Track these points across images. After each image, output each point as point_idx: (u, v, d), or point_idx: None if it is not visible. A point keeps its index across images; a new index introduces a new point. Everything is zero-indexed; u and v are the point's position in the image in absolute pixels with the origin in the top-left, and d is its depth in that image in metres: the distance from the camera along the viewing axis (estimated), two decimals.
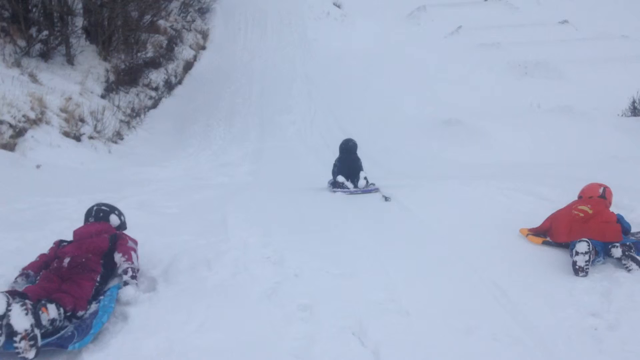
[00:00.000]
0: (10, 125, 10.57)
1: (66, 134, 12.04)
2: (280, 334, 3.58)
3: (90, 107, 13.60)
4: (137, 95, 17.41)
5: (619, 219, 5.10)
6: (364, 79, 21.97)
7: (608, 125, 13.88)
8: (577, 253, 4.43)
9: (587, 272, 4.38)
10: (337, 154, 8.95)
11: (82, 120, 12.93)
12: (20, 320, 3.08)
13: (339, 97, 20.24)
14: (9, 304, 3.12)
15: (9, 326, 3.07)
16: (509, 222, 5.90)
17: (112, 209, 4.75)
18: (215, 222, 6.04)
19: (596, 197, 5.27)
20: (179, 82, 21.17)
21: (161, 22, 22.50)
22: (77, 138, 12.32)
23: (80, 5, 17.18)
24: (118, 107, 15.43)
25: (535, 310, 3.84)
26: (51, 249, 4.30)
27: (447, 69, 22.57)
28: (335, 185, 8.29)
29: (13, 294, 3.37)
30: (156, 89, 18.94)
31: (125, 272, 4.12)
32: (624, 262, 4.45)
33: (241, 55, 25.68)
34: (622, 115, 15.48)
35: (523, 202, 6.77)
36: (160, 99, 18.85)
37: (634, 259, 4.43)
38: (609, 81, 19.11)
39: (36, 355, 3.10)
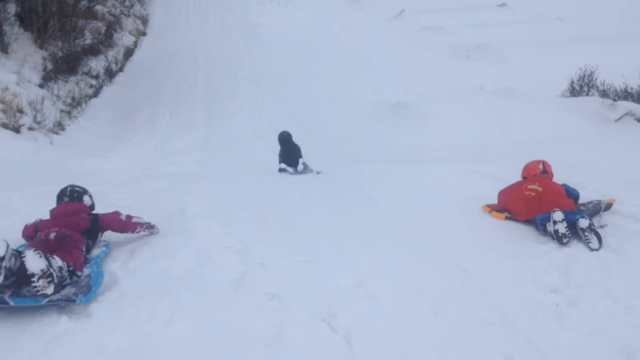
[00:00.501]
0: None
1: (4, 126, 11.49)
2: (250, 323, 3.53)
3: (29, 97, 13.01)
4: (77, 84, 16.77)
5: (567, 189, 5.48)
6: (310, 63, 21.90)
7: (549, 106, 14.35)
8: (555, 222, 4.65)
9: (569, 238, 4.59)
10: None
11: (20, 111, 12.36)
12: (35, 262, 3.43)
13: (285, 83, 20.12)
14: (8, 246, 3.38)
15: (32, 275, 3.40)
16: (467, 204, 6.04)
17: (85, 191, 4.99)
18: (173, 212, 5.90)
19: (539, 174, 5.64)
20: (120, 70, 20.53)
21: (98, 7, 21.66)
22: (16, 129, 11.78)
23: None
24: (57, 96, 14.82)
25: (500, 290, 3.95)
26: (30, 226, 4.57)
27: (392, 53, 22.76)
28: (280, 171, 9.68)
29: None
30: (97, 77, 18.30)
31: (147, 227, 4.92)
32: (586, 234, 4.61)
33: (183, 41, 25.10)
34: (561, 96, 16.01)
35: (479, 184, 6.92)
36: (101, 87, 18.23)
37: (596, 234, 4.61)
38: (548, 63, 19.72)
39: (54, 291, 3.51)
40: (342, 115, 16.60)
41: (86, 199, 4.92)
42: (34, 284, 3.40)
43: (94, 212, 4.87)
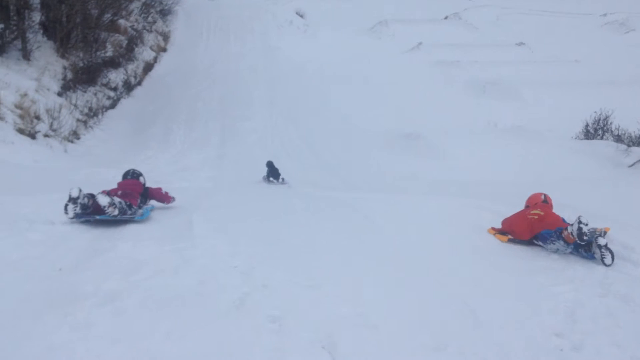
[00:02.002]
0: None
1: (21, 131, 11.65)
2: (250, 345, 3.52)
3: (47, 105, 13.21)
4: (95, 94, 17.01)
5: (564, 221, 6.06)
6: (324, 89, 22.11)
7: (562, 147, 14.35)
8: (580, 222, 5.20)
9: (589, 237, 5.18)
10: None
11: (37, 118, 12.54)
12: (103, 199, 5.74)
13: (299, 106, 20.30)
14: (80, 190, 5.62)
15: (97, 207, 5.73)
16: (473, 237, 6.02)
17: (141, 173, 7.29)
18: (181, 228, 5.92)
19: (541, 203, 6.35)
20: (139, 83, 20.82)
21: (121, 21, 22.08)
22: (32, 135, 11.94)
23: (38, 0, 16.71)
24: (75, 105, 15.03)
25: (503, 329, 3.90)
26: (104, 191, 6.25)
27: (407, 84, 22.92)
28: (267, 181, 12.75)
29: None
30: (115, 89, 18.55)
31: (165, 199, 7.18)
32: (602, 250, 5.09)
33: (202, 60, 25.46)
34: (575, 138, 16.02)
35: (486, 219, 6.90)
36: (118, 99, 18.48)
37: (611, 252, 5.07)
38: (562, 104, 19.76)
39: (119, 214, 5.83)
40: (352, 141, 16.69)
41: (141, 179, 7.14)
42: (105, 211, 5.71)
43: (145, 185, 7.08)
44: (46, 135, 12.40)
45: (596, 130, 16.17)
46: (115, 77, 19.04)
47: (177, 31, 28.56)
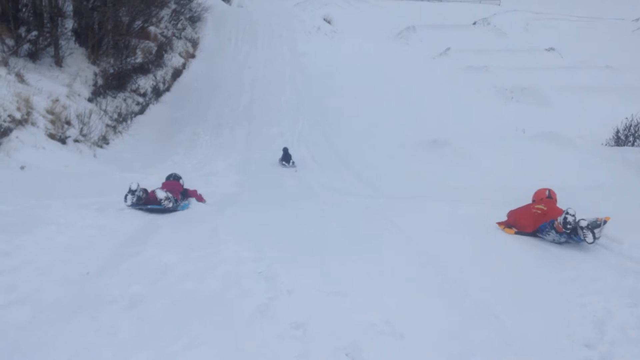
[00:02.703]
0: None
1: (52, 136, 11.87)
2: (274, 352, 3.52)
3: (77, 110, 13.44)
4: (125, 100, 17.27)
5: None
6: (351, 94, 22.10)
7: (592, 154, 14.04)
8: (567, 213, 5.78)
9: (572, 227, 5.74)
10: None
11: (68, 123, 12.77)
12: (161, 193, 7.08)
13: (326, 112, 20.32)
14: (138, 184, 6.92)
15: (154, 198, 7.14)
16: (498, 245, 5.93)
17: (180, 177, 8.88)
18: (206, 233, 5.97)
19: (545, 199, 6.84)
20: (167, 89, 21.09)
21: (152, 28, 22.42)
22: (63, 140, 12.15)
23: (70, 8, 17.04)
24: (105, 111, 15.28)
25: (530, 340, 3.82)
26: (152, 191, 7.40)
27: (434, 89, 22.79)
28: (280, 164, 15.13)
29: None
30: (144, 95, 18.81)
31: (199, 199, 8.62)
32: (584, 231, 5.61)
33: (230, 66, 25.67)
34: (606, 145, 15.70)
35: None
36: (147, 105, 18.74)
37: (592, 232, 5.61)
38: (592, 110, 19.39)
39: (172, 209, 7.31)
40: (378, 146, 16.62)
41: (181, 181, 8.66)
42: (162, 203, 7.11)
43: (184, 187, 8.55)
44: (76, 141, 12.61)
45: (627, 136, 15.80)
46: (145, 83, 19.31)
47: (206, 38, 28.87)
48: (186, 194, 8.31)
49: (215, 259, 5.02)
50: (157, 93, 19.91)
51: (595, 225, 5.92)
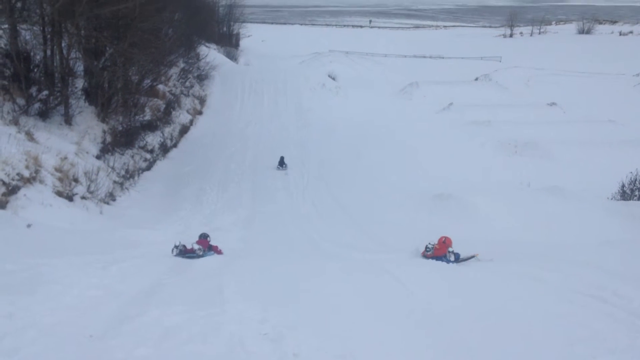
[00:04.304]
0: (4, 183, 10.50)
1: (59, 194, 11.97)
2: None
3: (85, 168, 13.59)
4: (132, 157, 17.48)
5: (454, 252, 9.55)
6: (356, 149, 22.34)
7: (597, 208, 14.03)
8: (449, 252, 9.52)
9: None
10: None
11: (75, 180, 12.89)
12: (196, 246, 9.64)
13: (331, 166, 20.50)
14: (180, 242, 9.67)
15: (193, 251, 9.59)
16: (504, 305, 5.83)
17: (208, 235, 10.44)
18: (211, 291, 5.93)
19: (440, 243, 9.80)
20: (175, 146, 21.37)
21: (160, 86, 22.91)
22: (70, 198, 12.24)
23: (81, 67, 17.48)
24: (112, 168, 15.45)
25: None
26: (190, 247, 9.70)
27: (438, 144, 23.00)
28: (277, 168, 20.03)
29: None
30: (151, 151, 19.05)
31: (218, 252, 10.26)
32: (449, 255, 9.35)
33: (237, 122, 26.11)
34: (611, 199, 15.69)
35: (524, 289, 6.63)
36: (155, 161, 18.95)
37: (454, 255, 9.33)
38: (596, 163, 19.51)
39: (201, 256, 9.51)
40: (383, 200, 16.66)
41: (208, 239, 10.29)
42: (196, 252, 9.47)
43: (210, 243, 10.26)
44: (83, 198, 12.71)
45: (632, 190, 15.81)
46: (152, 139, 19.58)
47: (213, 95, 29.48)
48: (210, 247, 10.23)
49: (219, 318, 4.96)
50: (165, 149, 20.17)
51: (464, 259, 9.39)
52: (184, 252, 9.48)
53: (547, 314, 5.71)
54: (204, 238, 10.49)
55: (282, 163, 20.19)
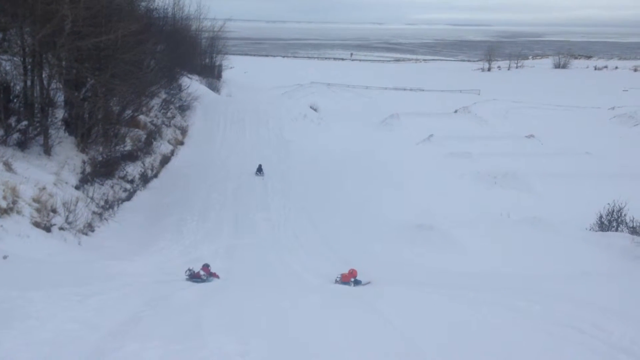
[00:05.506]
0: None
1: (36, 224, 11.81)
2: None
3: (64, 198, 13.45)
4: (112, 187, 17.34)
5: (357, 280, 11.48)
6: (337, 179, 22.43)
7: (576, 239, 14.22)
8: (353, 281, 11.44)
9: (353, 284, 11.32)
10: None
11: (54, 211, 12.74)
12: (203, 273, 11.12)
13: (313, 197, 20.50)
14: (190, 268, 11.12)
15: (199, 276, 11.07)
16: (487, 343, 5.82)
17: (209, 265, 11.67)
18: (189, 325, 5.84)
19: (348, 273, 11.53)
20: (155, 176, 21.26)
21: (142, 117, 22.89)
22: (48, 229, 12.08)
23: (62, 98, 17.42)
24: (92, 198, 15.30)
25: None
26: (196, 272, 11.14)
27: (418, 175, 23.19)
28: (255, 175, 22.41)
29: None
30: (132, 181, 18.93)
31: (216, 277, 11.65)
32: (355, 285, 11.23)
33: (219, 152, 26.11)
34: (589, 230, 15.90)
35: (503, 320, 6.65)
36: (135, 191, 18.82)
37: (356, 282, 11.27)
38: (575, 195, 19.81)
39: (205, 280, 10.94)
40: (365, 230, 16.71)
41: (209, 268, 11.46)
42: (203, 278, 10.92)
43: (211, 271, 11.45)
44: (61, 228, 12.55)
45: (610, 222, 16.06)
46: (133, 170, 19.48)
47: (194, 125, 29.50)
48: (211, 274, 11.47)
49: (198, 354, 4.89)
50: (145, 180, 20.05)
51: (363, 283, 11.37)
52: (193, 277, 11.00)
53: (525, 346, 5.73)
54: (206, 266, 11.90)
55: (260, 170, 22.71)
